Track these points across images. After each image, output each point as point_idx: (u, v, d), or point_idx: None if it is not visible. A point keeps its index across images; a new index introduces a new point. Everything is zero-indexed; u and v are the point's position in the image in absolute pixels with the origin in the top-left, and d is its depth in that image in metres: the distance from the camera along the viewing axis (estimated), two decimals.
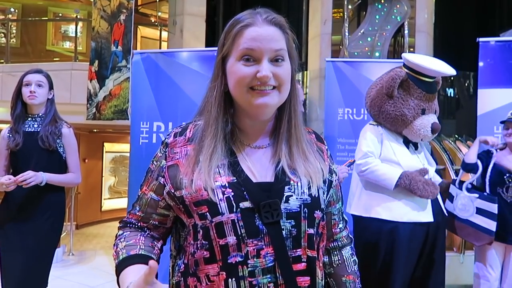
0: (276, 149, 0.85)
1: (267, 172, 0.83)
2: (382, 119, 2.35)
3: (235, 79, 0.80)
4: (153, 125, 3.51)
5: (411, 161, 2.31)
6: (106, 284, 3.54)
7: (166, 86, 3.48)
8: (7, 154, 2.21)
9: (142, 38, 9.14)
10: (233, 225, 0.77)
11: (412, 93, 2.29)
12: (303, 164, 0.84)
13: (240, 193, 0.79)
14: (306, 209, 0.81)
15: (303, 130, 0.88)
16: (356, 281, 0.94)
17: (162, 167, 0.86)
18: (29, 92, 2.20)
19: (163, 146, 0.88)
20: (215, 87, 0.84)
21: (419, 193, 2.18)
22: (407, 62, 2.33)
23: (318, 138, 0.95)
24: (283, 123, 0.85)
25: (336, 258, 0.94)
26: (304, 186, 0.82)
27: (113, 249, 0.88)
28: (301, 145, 0.85)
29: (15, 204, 2.16)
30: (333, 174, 0.93)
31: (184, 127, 0.88)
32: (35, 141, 2.18)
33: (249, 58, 0.79)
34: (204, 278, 0.79)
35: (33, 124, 2.23)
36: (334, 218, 0.95)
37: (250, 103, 0.80)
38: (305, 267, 0.80)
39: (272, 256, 0.77)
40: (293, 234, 0.79)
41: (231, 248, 0.77)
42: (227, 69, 0.83)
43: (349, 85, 3.46)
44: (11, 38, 8.41)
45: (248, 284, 0.76)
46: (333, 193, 0.93)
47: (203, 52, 3.52)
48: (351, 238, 0.99)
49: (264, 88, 0.79)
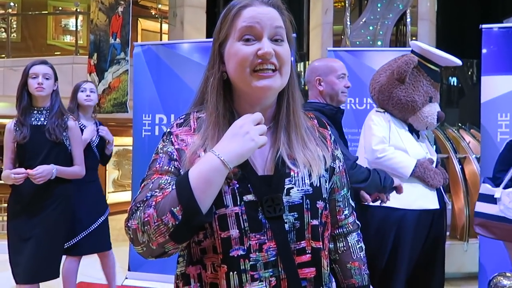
0: (275, 137, 0.83)
1: (267, 163, 0.82)
2: (391, 105, 2.33)
3: (236, 61, 0.78)
4: (155, 117, 3.51)
5: (417, 149, 2.30)
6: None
7: (167, 78, 3.47)
8: (14, 147, 2.21)
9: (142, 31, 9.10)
10: (236, 218, 0.76)
11: (422, 80, 2.29)
12: (302, 152, 0.82)
13: (244, 185, 0.77)
14: (308, 200, 0.80)
15: (302, 117, 0.86)
16: (362, 267, 0.92)
17: (171, 152, 0.81)
18: (36, 84, 2.18)
19: (166, 136, 0.85)
20: (212, 75, 0.82)
21: (431, 182, 2.19)
22: (417, 49, 2.31)
23: (321, 124, 0.92)
24: (282, 109, 0.84)
25: (342, 245, 0.93)
26: (304, 177, 0.81)
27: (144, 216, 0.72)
28: (300, 131, 0.84)
29: (25, 195, 2.18)
30: (336, 160, 0.90)
31: (186, 118, 0.86)
32: (42, 134, 2.18)
33: (249, 38, 0.78)
34: (210, 266, 0.78)
35: (40, 117, 2.23)
36: (338, 205, 0.92)
37: (252, 86, 0.78)
38: (310, 259, 0.79)
39: (275, 250, 0.77)
40: (296, 227, 0.78)
41: (233, 241, 0.75)
42: (225, 53, 0.81)
43: (351, 74, 3.40)
44: (12, 33, 8.39)
45: (250, 277, 0.75)
46: (336, 180, 0.91)
47: (204, 43, 3.50)
48: (358, 224, 0.97)
49: (266, 68, 0.77)
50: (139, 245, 0.73)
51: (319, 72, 1.89)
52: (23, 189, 2.15)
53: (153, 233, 0.70)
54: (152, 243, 0.71)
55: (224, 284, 0.76)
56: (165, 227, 0.69)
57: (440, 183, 2.23)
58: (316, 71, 1.91)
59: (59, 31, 9.67)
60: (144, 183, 0.80)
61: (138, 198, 0.76)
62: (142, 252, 0.74)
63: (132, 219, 0.74)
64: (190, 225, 0.70)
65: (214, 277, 0.78)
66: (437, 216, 2.28)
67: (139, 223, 0.72)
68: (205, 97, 0.84)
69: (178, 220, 0.69)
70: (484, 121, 2.83)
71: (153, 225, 0.70)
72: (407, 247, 2.23)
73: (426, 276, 2.34)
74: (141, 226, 0.71)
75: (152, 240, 0.71)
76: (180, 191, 0.70)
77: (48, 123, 2.20)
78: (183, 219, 0.69)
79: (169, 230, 0.69)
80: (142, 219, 0.71)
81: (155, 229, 0.70)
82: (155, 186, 0.76)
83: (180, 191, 0.70)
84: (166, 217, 0.69)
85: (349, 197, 0.95)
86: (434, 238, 2.30)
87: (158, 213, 0.70)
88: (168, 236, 0.70)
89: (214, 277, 0.78)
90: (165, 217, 0.69)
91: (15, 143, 2.19)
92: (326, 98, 1.88)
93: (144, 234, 0.71)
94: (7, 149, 2.21)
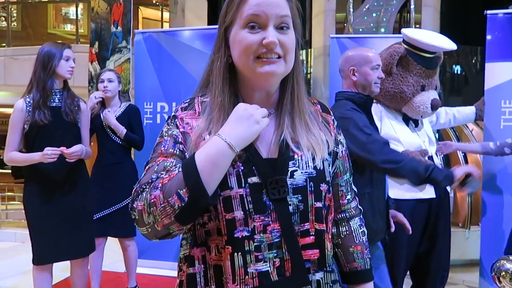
0: (279, 121, 0.84)
1: (271, 146, 0.82)
2: (381, 97, 2.32)
3: (240, 48, 0.78)
4: (157, 105, 3.50)
5: (411, 139, 2.29)
6: (114, 263, 3.60)
7: (169, 66, 3.45)
8: (23, 128, 2.20)
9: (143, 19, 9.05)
10: (241, 200, 0.77)
11: (411, 69, 2.26)
12: (306, 136, 0.83)
13: (249, 167, 0.78)
14: (312, 183, 0.81)
15: (306, 102, 0.86)
16: (364, 251, 0.93)
17: (176, 135, 0.82)
18: (70, 67, 2.24)
19: (170, 119, 0.85)
20: (218, 59, 0.82)
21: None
22: (406, 38, 2.28)
23: (324, 109, 0.93)
24: (286, 94, 0.84)
25: (344, 229, 0.94)
26: (308, 160, 0.81)
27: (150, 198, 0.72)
28: (304, 117, 0.85)
29: (53, 174, 2.21)
30: (339, 145, 0.91)
31: (191, 102, 0.86)
32: (59, 116, 2.22)
33: (254, 26, 0.78)
34: (214, 249, 0.79)
35: (55, 99, 2.25)
36: (341, 189, 0.93)
37: (256, 72, 0.78)
38: (313, 240, 0.80)
39: (279, 232, 0.78)
40: (300, 209, 0.79)
41: (238, 222, 0.76)
42: (230, 39, 0.81)
43: None
44: (12, 22, 8.34)
45: (254, 258, 0.76)
46: (339, 164, 0.92)
47: (205, 31, 3.48)
48: (360, 209, 0.98)
49: (270, 56, 0.77)
50: (144, 226, 0.74)
51: (353, 62, 1.86)
52: (52, 169, 2.18)
53: (159, 214, 0.72)
54: (157, 224, 0.73)
55: (228, 265, 0.77)
56: (171, 209, 0.71)
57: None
58: (350, 61, 1.87)
59: (59, 20, 9.61)
60: (148, 165, 0.80)
61: (143, 180, 0.77)
62: (147, 233, 0.76)
63: (138, 200, 0.75)
64: (196, 207, 0.71)
65: (218, 259, 0.79)
66: (435, 205, 2.26)
67: (145, 204, 0.73)
68: (210, 80, 0.85)
69: (184, 202, 0.70)
70: (488, 108, 2.81)
71: (159, 206, 0.71)
72: (403, 237, 2.23)
73: (429, 264, 2.35)
74: (147, 208, 0.73)
75: (158, 222, 0.72)
76: (187, 174, 0.71)
77: (64, 104, 2.24)
78: (189, 201, 0.70)
79: (175, 211, 0.71)
80: (148, 201, 0.72)
81: (161, 210, 0.71)
82: (160, 168, 0.77)
83: (186, 174, 0.71)
84: (172, 199, 0.71)
85: (352, 182, 0.96)
86: (434, 227, 2.30)
87: (164, 195, 0.71)
88: (173, 217, 0.71)
89: (218, 259, 0.79)
90: (172, 199, 0.71)
91: (25, 124, 2.18)
92: (358, 88, 1.85)
93: (150, 215, 0.73)
94: (16, 129, 2.18)
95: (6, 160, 2.23)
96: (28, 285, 3.08)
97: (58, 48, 2.25)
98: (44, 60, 2.21)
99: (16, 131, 2.19)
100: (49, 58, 2.21)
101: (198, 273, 0.81)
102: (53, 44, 2.30)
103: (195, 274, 0.81)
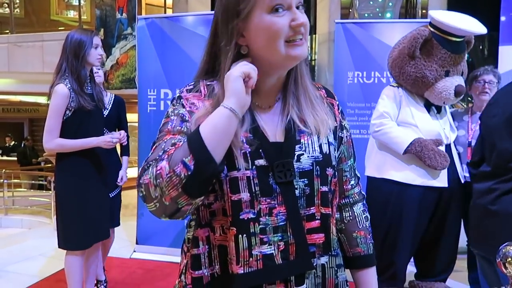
0: (285, 103, 0.84)
1: (277, 130, 0.82)
2: (403, 81, 2.28)
3: (269, 34, 0.76)
4: (160, 92, 3.49)
5: (430, 125, 2.24)
6: (120, 249, 3.64)
7: (172, 52, 3.43)
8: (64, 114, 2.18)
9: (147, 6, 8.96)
10: (247, 182, 0.76)
11: (435, 53, 2.18)
12: (312, 114, 0.83)
13: (256, 150, 0.78)
14: (318, 167, 0.81)
15: (309, 82, 0.86)
16: (368, 236, 0.94)
17: (183, 113, 0.81)
18: (98, 55, 2.23)
19: (176, 100, 0.84)
20: (229, 51, 0.80)
21: (428, 162, 2.13)
22: (433, 21, 2.20)
23: (329, 94, 0.93)
24: (291, 76, 0.84)
25: (347, 214, 0.94)
26: (314, 144, 0.82)
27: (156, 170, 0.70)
28: (309, 95, 0.85)
29: (101, 159, 2.31)
30: (343, 130, 0.91)
31: (196, 84, 0.86)
32: (94, 103, 2.27)
33: (278, 8, 0.76)
34: (219, 229, 0.79)
35: (87, 86, 2.29)
36: (345, 174, 0.93)
37: (286, 56, 0.77)
38: (319, 225, 0.80)
39: (284, 215, 0.78)
40: (306, 193, 0.79)
41: (244, 204, 0.76)
42: (251, 27, 0.78)
43: (359, 47, 3.37)
44: (15, 8, 8.30)
45: (259, 240, 0.77)
46: (344, 150, 0.92)
47: (208, 16, 3.44)
48: (363, 194, 0.98)
49: (298, 37, 0.77)
50: (152, 201, 0.71)
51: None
52: (98, 153, 2.27)
53: (166, 186, 0.69)
54: (164, 198, 0.70)
55: (232, 246, 0.77)
56: (178, 179, 0.68)
57: (441, 165, 2.14)
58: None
59: (62, 6, 9.55)
60: (156, 144, 0.78)
61: (150, 158, 0.75)
62: (155, 209, 0.72)
63: (144, 175, 0.72)
64: (202, 176, 0.69)
65: (222, 239, 0.79)
66: (446, 195, 2.24)
67: (151, 177, 0.70)
68: (215, 69, 0.84)
69: (190, 170, 0.68)
70: None
71: (165, 177, 0.69)
72: (409, 222, 2.22)
73: (435, 251, 2.34)
74: (153, 180, 0.70)
75: (165, 194, 0.69)
76: (191, 141, 0.70)
77: (95, 92, 2.28)
78: (195, 168, 0.68)
79: (182, 181, 0.68)
80: (154, 173, 0.70)
81: (167, 181, 0.68)
82: (168, 145, 0.75)
83: (190, 141, 0.70)
84: (178, 167, 0.68)
85: (355, 168, 0.96)
86: (443, 217, 2.28)
87: (170, 165, 0.69)
88: (180, 188, 0.68)
89: (223, 239, 0.79)
90: (177, 168, 0.68)
91: (68, 110, 2.15)
92: None
93: (157, 188, 0.70)
94: (59, 115, 2.13)
95: (50, 148, 2.16)
96: (34, 270, 3.13)
97: (88, 35, 2.23)
98: (76, 48, 2.18)
99: (60, 116, 2.14)
100: (80, 46, 2.18)
101: (202, 253, 0.81)
102: (83, 31, 2.28)
103: (199, 254, 0.81)
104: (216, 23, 0.85)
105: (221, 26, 0.82)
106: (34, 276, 3.04)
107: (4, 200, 5.34)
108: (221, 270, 0.80)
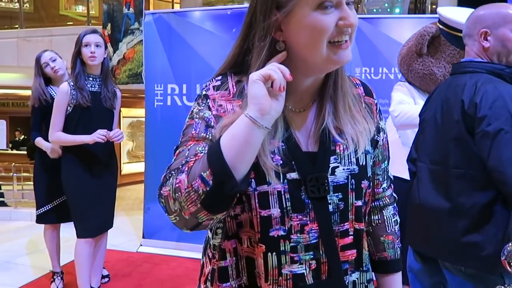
0: (321, 108, 0.77)
1: (310, 137, 0.76)
2: (411, 78, 2.26)
3: (312, 33, 0.68)
4: (167, 87, 3.49)
5: None
6: (126, 243, 3.67)
7: (179, 47, 3.43)
8: (66, 110, 2.30)
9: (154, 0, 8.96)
10: (278, 197, 0.71)
11: (444, 50, 2.16)
12: (350, 123, 0.76)
13: (288, 162, 0.72)
14: (353, 180, 0.75)
15: (348, 82, 0.79)
16: (396, 241, 0.89)
17: (209, 118, 0.73)
18: (90, 53, 2.28)
19: (201, 99, 0.76)
20: (265, 47, 0.71)
21: None
22: (440, 17, 2.17)
23: (367, 92, 0.84)
24: (330, 77, 0.76)
25: (376, 218, 0.89)
26: (351, 154, 0.75)
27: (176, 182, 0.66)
28: (347, 99, 0.77)
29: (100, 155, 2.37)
30: (380, 132, 0.84)
31: (223, 81, 0.77)
32: (99, 101, 2.33)
33: (327, 5, 0.67)
34: (246, 240, 0.75)
35: (95, 84, 2.35)
36: (377, 178, 0.87)
37: (329, 59, 0.69)
38: (352, 241, 0.76)
39: (317, 233, 0.73)
40: (340, 208, 0.74)
41: (274, 220, 0.71)
42: (293, 22, 0.70)
43: (367, 43, 3.34)
44: (24, 3, 8.36)
45: (290, 259, 0.72)
46: (378, 153, 0.85)
47: (216, 11, 3.43)
48: (394, 197, 0.92)
49: (342, 39, 0.69)
50: (172, 214, 0.67)
51: (486, 23, 1.43)
52: (96, 150, 2.33)
53: (184, 201, 0.64)
54: (184, 212, 0.65)
55: (261, 263, 0.72)
56: (196, 194, 0.63)
57: None
58: (482, 22, 1.44)
59: (71, 1, 9.60)
60: (179, 149, 0.73)
61: (173, 166, 0.70)
62: (176, 221, 0.68)
63: (165, 186, 0.68)
64: (222, 192, 0.62)
65: (250, 251, 0.75)
66: None
67: (171, 189, 0.66)
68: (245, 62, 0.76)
69: (208, 186, 0.62)
70: None
71: (184, 192, 0.64)
72: None
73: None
74: (172, 193, 0.66)
75: (184, 209, 0.65)
76: (210, 154, 0.64)
77: (104, 91, 2.36)
78: (214, 184, 0.62)
79: (200, 197, 0.63)
80: (173, 185, 0.66)
81: (186, 196, 0.64)
82: (192, 153, 0.69)
83: (210, 154, 0.64)
84: (196, 182, 0.63)
85: (388, 170, 0.91)
86: None
87: (189, 179, 0.64)
88: (199, 204, 0.63)
89: (250, 251, 0.75)
90: (195, 183, 0.63)
91: (67, 107, 2.28)
92: (493, 57, 1.44)
93: (176, 201, 0.65)
94: (60, 111, 2.29)
95: (51, 140, 2.36)
96: (42, 263, 3.17)
97: (82, 34, 2.33)
98: (76, 45, 2.32)
99: (61, 112, 2.29)
100: (75, 43, 2.33)
101: (229, 265, 0.77)
102: (87, 29, 2.40)
103: (227, 267, 0.77)
104: (253, 14, 0.74)
105: (258, 17, 0.72)
106: (42, 268, 3.08)
107: (14, 193, 5.39)
108: (248, 281, 0.76)
